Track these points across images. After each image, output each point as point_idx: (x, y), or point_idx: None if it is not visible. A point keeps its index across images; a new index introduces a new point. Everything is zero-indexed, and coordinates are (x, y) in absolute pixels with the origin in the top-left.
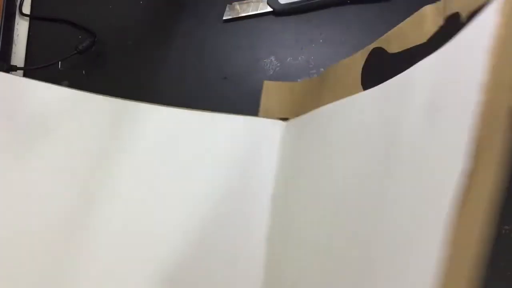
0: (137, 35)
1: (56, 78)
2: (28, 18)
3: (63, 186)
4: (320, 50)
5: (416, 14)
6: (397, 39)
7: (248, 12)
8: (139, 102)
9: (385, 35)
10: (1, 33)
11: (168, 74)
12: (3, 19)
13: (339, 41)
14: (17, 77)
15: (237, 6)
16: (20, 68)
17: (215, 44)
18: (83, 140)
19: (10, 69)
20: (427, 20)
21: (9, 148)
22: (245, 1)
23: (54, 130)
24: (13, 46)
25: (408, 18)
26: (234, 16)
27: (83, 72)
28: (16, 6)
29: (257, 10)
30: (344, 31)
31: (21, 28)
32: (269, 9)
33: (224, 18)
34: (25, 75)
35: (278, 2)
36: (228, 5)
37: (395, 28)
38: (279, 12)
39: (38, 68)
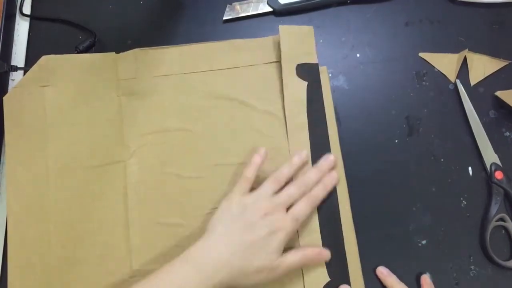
0: (137, 35)
1: None
2: (28, 18)
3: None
4: (320, 50)
5: None
6: None
7: (248, 12)
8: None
9: None
10: (2, 33)
11: None
12: (3, 20)
13: (339, 41)
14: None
15: (237, 6)
16: (20, 68)
17: None
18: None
19: (10, 69)
20: None
21: None
22: (245, 1)
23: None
24: (14, 46)
25: None
26: (234, 16)
27: None
28: (16, 6)
29: (257, 10)
30: (344, 31)
31: (22, 28)
32: (269, 9)
33: (224, 18)
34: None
35: (278, 2)
36: (228, 5)
37: None
38: (279, 12)
39: None
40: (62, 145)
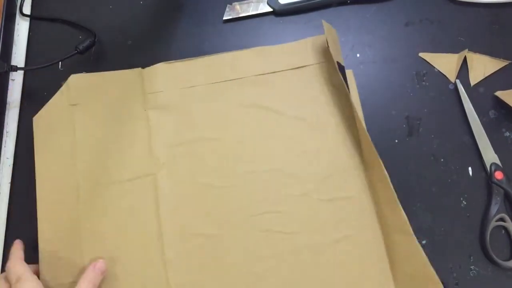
0: (137, 35)
1: (57, 78)
2: (28, 18)
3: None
4: None
5: None
6: None
7: (248, 12)
8: None
9: None
10: (2, 33)
11: None
12: (3, 20)
13: (339, 41)
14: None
15: (237, 6)
16: (20, 68)
17: (215, 44)
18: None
19: (10, 69)
20: None
21: None
22: (245, 1)
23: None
24: (14, 46)
25: None
26: (234, 16)
27: (84, 72)
28: (16, 6)
29: (257, 10)
30: (344, 31)
31: (22, 28)
32: (269, 9)
33: (224, 18)
34: (26, 75)
35: (278, 2)
36: (228, 5)
37: None
38: (279, 12)
39: (38, 68)
40: (91, 161)
